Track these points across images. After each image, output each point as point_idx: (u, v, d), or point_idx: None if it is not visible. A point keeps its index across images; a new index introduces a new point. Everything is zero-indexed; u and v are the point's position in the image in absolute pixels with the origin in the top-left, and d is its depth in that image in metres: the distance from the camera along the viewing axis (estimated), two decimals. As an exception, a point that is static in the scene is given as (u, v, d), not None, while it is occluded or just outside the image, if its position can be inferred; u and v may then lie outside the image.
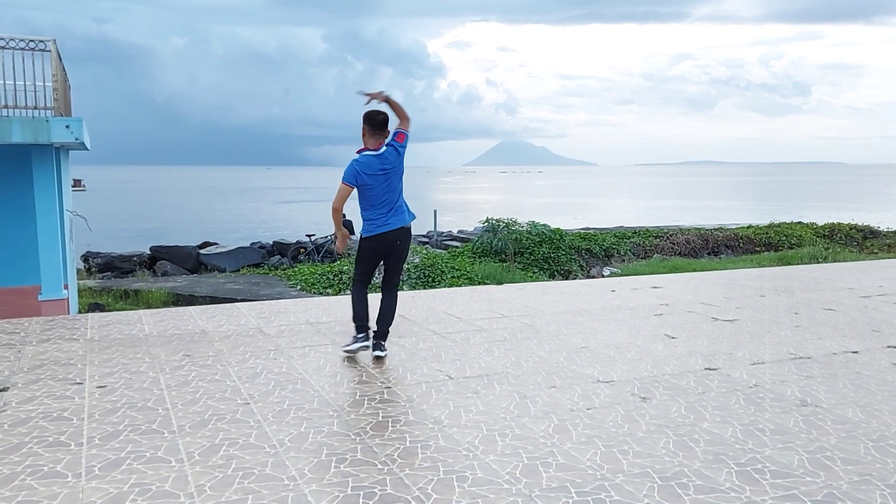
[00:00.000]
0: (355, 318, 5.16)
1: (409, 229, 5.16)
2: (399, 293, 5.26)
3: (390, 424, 3.85)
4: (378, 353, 5.13)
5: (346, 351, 5.17)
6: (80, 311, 12.81)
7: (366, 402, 4.22)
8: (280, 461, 3.36)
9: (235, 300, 13.99)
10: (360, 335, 5.14)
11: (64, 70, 11.00)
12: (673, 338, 5.80)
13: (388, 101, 5.06)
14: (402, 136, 5.08)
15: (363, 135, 5.03)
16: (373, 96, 5.03)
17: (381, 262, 5.23)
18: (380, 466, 3.32)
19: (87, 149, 11.78)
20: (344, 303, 7.30)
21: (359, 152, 4.99)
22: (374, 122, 5.01)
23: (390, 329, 5.29)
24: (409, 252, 17.61)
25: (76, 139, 8.81)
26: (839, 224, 22.31)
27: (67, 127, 8.69)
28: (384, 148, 5.01)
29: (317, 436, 3.67)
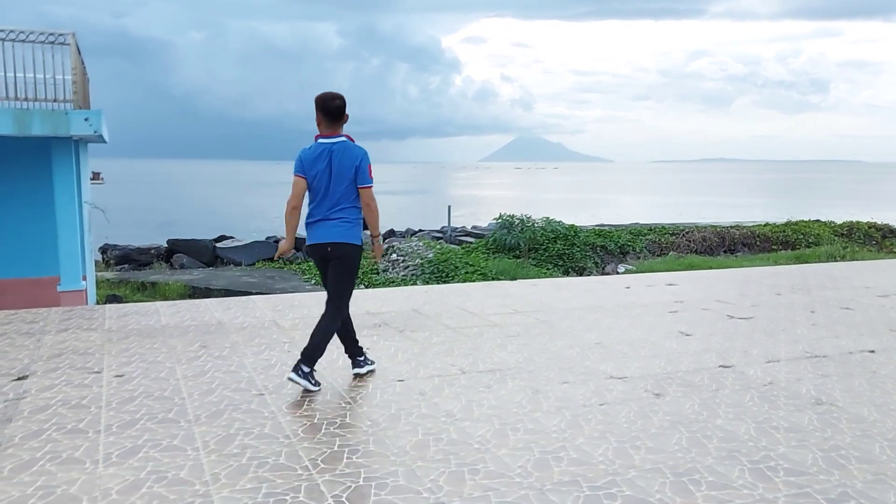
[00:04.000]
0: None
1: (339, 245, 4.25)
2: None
3: (402, 417, 3.87)
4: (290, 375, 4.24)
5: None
6: (98, 303, 12.98)
7: (378, 394, 4.24)
8: (294, 451, 3.39)
9: (251, 293, 14.10)
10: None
11: (83, 63, 11.12)
12: (687, 335, 5.78)
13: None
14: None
15: (317, 122, 4.30)
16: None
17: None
18: (392, 458, 3.35)
19: (105, 141, 11.90)
20: (358, 297, 7.33)
21: (316, 139, 4.33)
22: (327, 109, 4.24)
23: (309, 353, 4.23)
24: (424, 247, 17.45)
25: (95, 132, 8.90)
26: (857, 223, 22.01)
27: (87, 120, 8.78)
28: (340, 138, 4.27)
29: (329, 427, 3.70)
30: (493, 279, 14.28)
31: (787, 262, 15.04)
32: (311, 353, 4.24)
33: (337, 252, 4.26)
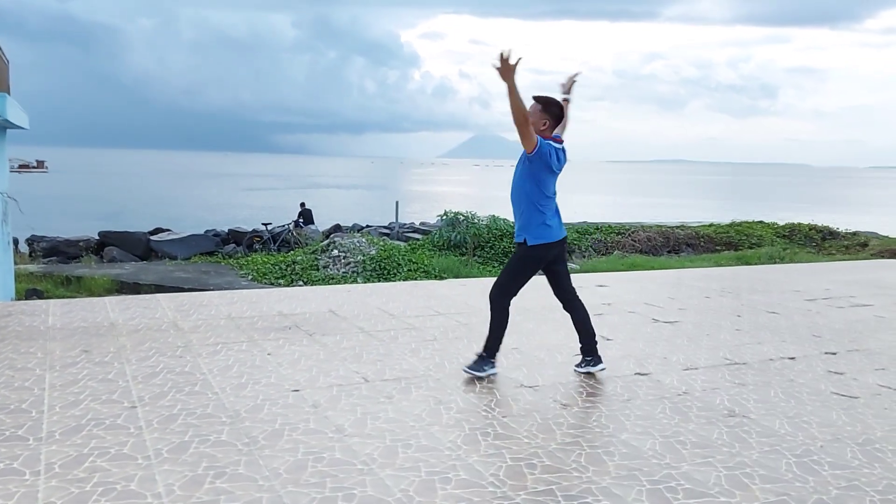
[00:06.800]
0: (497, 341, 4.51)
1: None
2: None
3: (286, 433, 3.54)
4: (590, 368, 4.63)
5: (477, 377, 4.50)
6: (15, 298, 12.25)
7: (266, 406, 3.90)
8: (150, 475, 3.03)
9: (182, 289, 13.52)
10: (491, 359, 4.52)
11: (-4, 44, 10.40)
12: (609, 339, 5.57)
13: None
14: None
15: (544, 125, 4.31)
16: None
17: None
18: (261, 482, 3.02)
19: (21, 128, 11.20)
20: (274, 296, 6.95)
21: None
22: (554, 113, 4.35)
23: (589, 344, 4.62)
24: (367, 243, 17.02)
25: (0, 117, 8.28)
26: (799, 224, 22.41)
27: (-12, 103, 8.16)
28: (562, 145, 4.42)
29: (200, 446, 3.35)
30: (436, 277, 13.98)
31: (728, 263, 15.13)
32: (590, 342, 4.61)
33: (566, 247, 4.59)
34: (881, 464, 3.42)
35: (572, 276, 4.85)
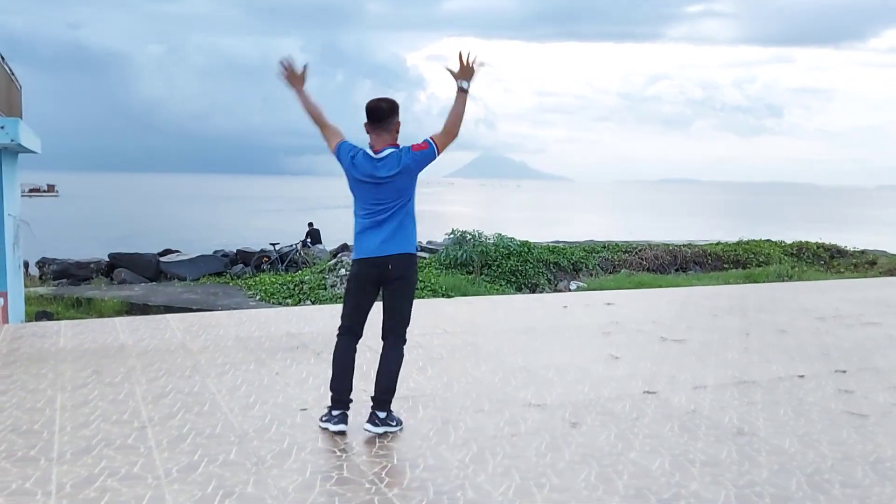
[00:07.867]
0: (332, 385, 3.91)
1: (402, 256, 3.92)
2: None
3: (294, 453, 3.56)
4: (368, 427, 3.82)
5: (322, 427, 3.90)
6: (25, 320, 12.34)
7: (275, 427, 3.92)
8: (160, 495, 3.05)
9: (191, 310, 13.59)
10: (336, 411, 3.86)
11: (8, 69, 10.60)
12: (616, 358, 5.57)
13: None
14: (423, 146, 3.78)
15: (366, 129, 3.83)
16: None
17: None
18: (269, 502, 3.03)
19: (33, 152, 11.35)
20: (282, 316, 6.99)
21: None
22: (371, 112, 3.76)
23: (390, 398, 3.91)
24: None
25: (12, 140, 8.42)
26: (807, 243, 22.33)
27: (2, 128, 8.30)
28: (388, 151, 3.77)
29: (209, 465, 3.37)
30: (443, 295, 14.00)
31: (736, 281, 15.09)
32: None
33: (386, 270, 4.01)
34: (892, 482, 3.39)
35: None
